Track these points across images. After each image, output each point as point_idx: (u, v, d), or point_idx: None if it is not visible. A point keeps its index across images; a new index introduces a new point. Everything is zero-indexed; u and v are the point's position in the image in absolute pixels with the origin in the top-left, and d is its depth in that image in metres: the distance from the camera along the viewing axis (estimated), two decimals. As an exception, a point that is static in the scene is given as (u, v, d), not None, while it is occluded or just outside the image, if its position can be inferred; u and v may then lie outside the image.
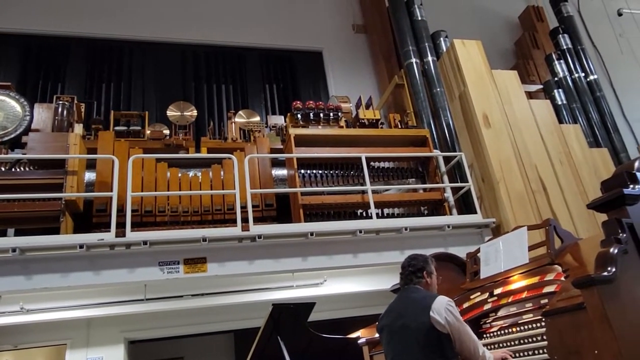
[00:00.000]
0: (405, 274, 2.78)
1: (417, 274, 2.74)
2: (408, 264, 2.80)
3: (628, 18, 11.22)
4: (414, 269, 2.75)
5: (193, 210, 5.00)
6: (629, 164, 2.61)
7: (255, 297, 5.72)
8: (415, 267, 2.76)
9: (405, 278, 2.78)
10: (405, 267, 2.81)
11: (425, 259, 2.82)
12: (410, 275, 2.75)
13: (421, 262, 2.78)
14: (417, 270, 2.75)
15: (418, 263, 2.77)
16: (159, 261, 4.35)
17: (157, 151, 5.43)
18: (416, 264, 2.77)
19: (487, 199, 5.54)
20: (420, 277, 2.73)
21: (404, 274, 2.79)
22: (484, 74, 6.12)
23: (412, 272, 2.75)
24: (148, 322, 5.79)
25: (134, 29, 7.82)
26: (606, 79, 9.76)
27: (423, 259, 2.81)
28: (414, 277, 2.74)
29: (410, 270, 2.76)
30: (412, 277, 2.74)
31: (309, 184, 5.35)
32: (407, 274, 2.77)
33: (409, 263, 2.80)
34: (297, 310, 3.99)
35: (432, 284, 2.78)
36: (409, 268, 2.77)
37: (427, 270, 2.76)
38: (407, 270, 2.77)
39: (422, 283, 2.72)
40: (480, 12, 10.01)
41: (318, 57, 8.69)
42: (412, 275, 2.74)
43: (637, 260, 2.29)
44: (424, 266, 2.76)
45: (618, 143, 7.90)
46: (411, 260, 2.82)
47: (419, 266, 2.76)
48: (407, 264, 2.81)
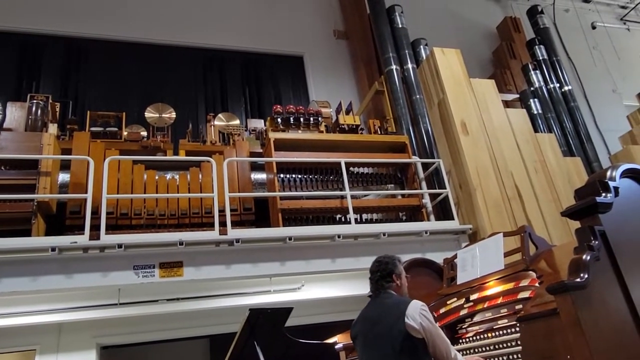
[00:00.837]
0: (375, 279, 2.77)
1: (387, 279, 2.72)
2: (377, 269, 2.77)
3: (601, 31, 11.56)
4: (382, 274, 2.73)
5: (170, 214, 4.93)
6: (601, 172, 2.67)
7: (232, 302, 5.65)
8: (384, 271, 2.74)
9: (376, 284, 2.76)
10: (374, 272, 2.78)
11: (393, 261, 2.80)
12: (380, 281, 2.74)
13: (390, 266, 2.76)
14: (386, 275, 2.73)
15: (387, 267, 2.75)
16: (134, 265, 4.27)
17: (134, 153, 5.35)
18: (385, 268, 2.75)
19: (464, 206, 5.61)
20: (390, 281, 2.72)
21: (374, 279, 2.77)
22: (463, 82, 6.21)
23: (382, 277, 2.73)
24: (121, 327, 5.66)
25: (114, 29, 7.70)
26: (580, 90, 10.02)
27: (391, 262, 2.79)
28: (384, 282, 2.72)
29: (380, 276, 2.74)
30: (382, 282, 2.73)
31: (288, 189, 5.33)
32: (376, 279, 2.75)
33: (377, 268, 2.78)
34: (274, 315, 3.95)
35: (402, 285, 2.77)
36: (377, 273, 2.75)
37: (396, 272, 2.75)
38: (377, 275, 2.75)
39: (392, 287, 2.71)
40: (459, 21, 10.17)
41: (299, 61, 8.70)
42: (382, 281, 2.73)
43: (609, 267, 2.33)
44: (393, 269, 2.75)
45: (591, 152, 8.12)
46: (379, 264, 2.79)
47: (388, 270, 2.74)
48: (375, 268, 2.79)
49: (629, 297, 2.27)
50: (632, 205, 2.56)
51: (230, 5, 8.63)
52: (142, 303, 5.38)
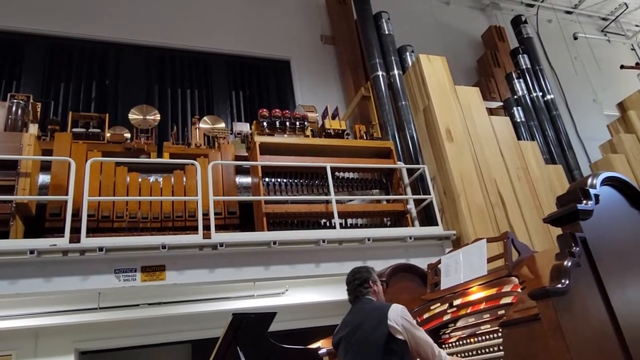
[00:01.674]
0: (352, 288, 2.85)
1: (364, 285, 2.80)
2: (353, 278, 2.86)
3: (583, 42, 11.80)
4: (359, 282, 2.82)
5: (153, 217, 4.87)
6: (582, 180, 2.72)
7: (215, 306, 5.60)
8: (360, 279, 2.83)
9: (354, 292, 2.83)
10: (350, 282, 2.87)
11: (367, 270, 2.89)
12: (358, 288, 2.81)
13: (364, 274, 2.85)
14: (363, 282, 2.81)
15: (362, 275, 2.84)
16: (115, 268, 4.20)
17: (117, 155, 5.28)
18: (360, 276, 2.84)
19: (448, 212, 5.65)
20: (368, 287, 2.80)
21: (351, 288, 2.85)
22: (448, 89, 6.27)
23: (359, 285, 2.81)
24: (101, 332, 5.57)
25: (97, 29, 7.60)
26: (562, 99, 10.20)
27: (365, 270, 2.89)
28: (362, 289, 2.80)
29: (357, 284, 2.82)
30: (360, 289, 2.81)
31: (273, 193, 5.31)
32: (354, 287, 2.83)
33: (354, 277, 2.86)
34: (257, 320, 3.92)
35: (379, 291, 2.87)
36: (354, 282, 2.84)
37: (372, 279, 2.84)
38: (354, 284, 2.84)
39: (370, 293, 2.80)
40: (445, 29, 10.29)
41: (286, 65, 8.69)
42: (360, 288, 2.81)
43: (589, 273, 2.37)
44: (368, 276, 2.84)
45: (572, 160, 8.25)
46: (354, 274, 2.88)
47: (364, 277, 2.83)
48: (351, 278, 2.88)
49: (608, 303, 2.30)
50: (611, 212, 2.61)
51: (217, 8, 8.59)
52: (122, 307, 5.31)
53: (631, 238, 2.62)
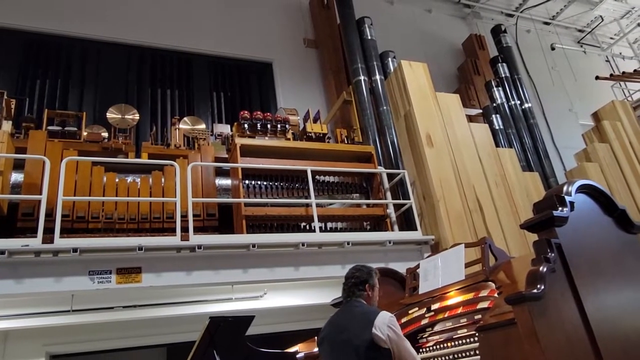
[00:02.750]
0: (348, 285, 2.79)
1: (360, 287, 2.75)
2: (352, 275, 2.81)
3: (560, 53, 12.08)
4: (357, 281, 2.76)
5: (129, 218, 4.78)
6: (558, 188, 2.77)
7: (192, 309, 5.52)
8: (358, 279, 2.77)
9: (348, 290, 2.78)
10: (348, 278, 2.81)
11: (370, 271, 2.83)
12: (352, 288, 2.76)
13: (365, 275, 2.79)
14: (360, 283, 2.76)
15: (362, 275, 2.79)
16: (90, 270, 4.12)
17: (94, 154, 5.18)
18: (360, 276, 2.78)
19: (428, 217, 5.69)
20: (362, 290, 2.75)
21: (347, 285, 2.79)
22: (429, 95, 6.33)
23: (355, 284, 2.76)
24: (74, 335, 5.43)
25: (76, 26, 7.45)
26: (539, 107, 10.40)
27: (367, 271, 2.82)
28: (356, 289, 2.75)
29: (353, 282, 2.77)
30: (354, 289, 2.75)
31: (253, 195, 5.28)
32: (349, 285, 2.77)
33: (353, 274, 2.81)
34: (235, 323, 3.88)
35: (373, 297, 2.80)
36: (352, 279, 2.78)
37: (370, 283, 2.78)
38: (350, 281, 2.78)
39: (363, 296, 2.74)
40: (427, 36, 10.41)
41: (268, 68, 8.67)
42: (355, 288, 2.75)
43: (564, 278, 2.41)
44: (367, 279, 2.78)
45: (548, 168, 8.42)
46: (355, 271, 2.82)
47: (363, 278, 2.77)
48: (350, 275, 2.82)
49: (581, 308, 2.34)
50: (585, 219, 2.67)
51: (199, 8, 8.53)
52: (96, 310, 5.19)
53: (604, 245, 2.68)
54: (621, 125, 7.58)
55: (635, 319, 2.51)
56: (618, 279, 2.59)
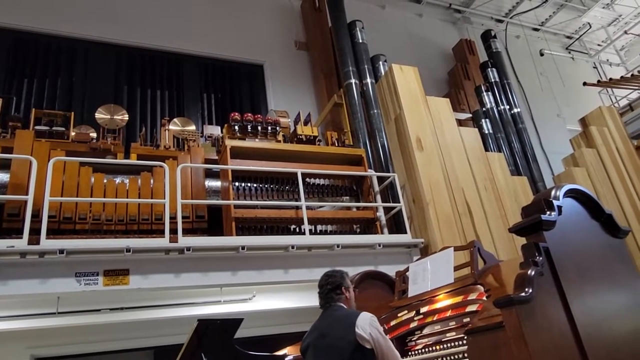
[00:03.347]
0: (324, 292, 2.83)
1: (336, 291, 2.79)
2: (325, 282, 2.85)
3: (548, 58, 12.22)
4: (332, 287, 2.81)
5: (117, 219, 4.74)
6: (546, 192, 2.79)
7: (180, 312, 5.47)
8: (333, 284, 2.81)
9: (325, 297, 2.82)
10: (323, 286, 2.85)
11: (342, 275, 2.88)
12: (329, 294, 2.80)
13: (338, 279, 2.84)
14: (335, 288, 2.80)
15: (335, 280, 2.83)
16: (76, 272, 4.07)
17: (82, 154, 5.12)
18: (334, 282, 2.82)
19: (417, 220, 5.71)
20: (340, 293, 2.79)
21: (323, 292, 2.83)
22: (419, 99, 6.36)
23: (331, 290, 2.80)
24: (59, 338, 5.35)
25: (65, 25, 7.38)
26: (528, 112, 10.51)
27: (339, 275, 2.87)
28: (333, 294, 2.79)
29: (329, 289, 2.81)
30: (331, 295, 2.79)
31: (243, 197, 5.26)
32: (326, 292, 2.81)
33: (326, 281, 2.85)
34: (223, 326, 3.86)
35: (351, 298, 2.86)
36: (327, 286, 2.82)
37: (345, 285, 2.83)
38: (326, 288, 2.82)
39: (342, 300, 2.79)
40: (418, 41, 10.47)
41: (259, 70, 8.65)
42: (332, 293, 2.79)
43: (551, 282, 2.43)
44: (341, 282, 2.83)
45: (536, 172, 8.50)
46: (328, 278, 2.86)
47: (337, 283, 2.81)
48: (324, 282, 2.86)
49: (568, 311, 2.36)
50: (573, 223, 2.69)
51: (191, 9, 8.50)
52: (82, 312, 5.12)
53: (591, 249, 2.71)
54: (608, 131, 7.67)
55: (621, 322, 2.54)
56: (604, 282, 2.62)
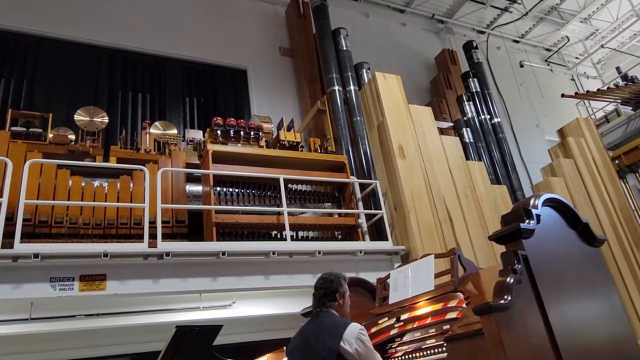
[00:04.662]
0: (318, 296, 2.77)
1: (330, 297, 2.74)
2: (321, 286, 2.79)
3: (528, 70, 12.47)
4: (327, 292, 2.75)
5: (95, 223, 4.65)
6: (525, 201, 2.83)
7: (158, 318, 5.38)
8: (328, 289, 2.76)
9: (318, 301, 2.76)
10: (318, 289, 2.80)
11: (338, 280, 2.82)
12: (322, 299, 2.74)
13: (334, 284, 2.78)
14: (330, 293, 2.75)
15: (331, 285, 2.77)
16: (51, 277, 3.97)
17: (60, 157, 5.02)
18: (329, 287, 2.77)
19: (398, 227, 5.73)
20: (333, 299, 2.74)
21: (317, 296, 2.78)
22: (402, 107, 6.41)
23: (325, 295, 2.74)
24: (32, 345, 5.21)
25: (45, 24, 7.25)
26: (508, 122, 10.69)
27: (336, 280, 2.81)
28: (326, 300, 2.73)
29: (323, 293, 2.75)
30: (324, 300, 2.74)
31: (224, 202, 5.21)
32: (319, 297, 2.76)
33: (322, 285, 2.79)
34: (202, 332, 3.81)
35: (344, 304, 2.79)
36: (321, 290, 2.77)
37: (340, 291, 2.77)
38: (320, 292, 2.77)
39: (334, 306, 2.73)
40: (401, 49, 10.58)
41: (242, 75, 8.62)
42: (325, 299, 2.74)
43: (530, 289, 2.46)
44: (337, 288, 2.77)
45: (515, 181, 8.64)
46: (324, 282, 2.81)
47: (332, 288, 2.76)
48: (320, 285, 2.81)
49: (546, 318, 2.40)
50: (551, 232, 2.74)
51: (174, 12, 8.43)
52: (57, 318, 5.00)
53: (568, 257, 2.75)
54: (585, 142, 7.84)
55: (596, 329, 2.59)
56: (580, 290, 2.67)
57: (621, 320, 2.76)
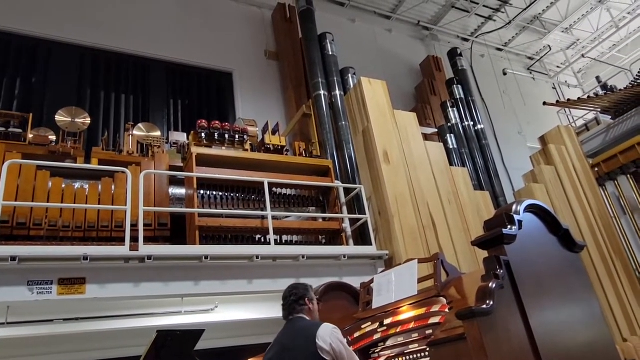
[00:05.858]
0: (287, 303, 2.85)
1: (300, 302, 2.82)
2: (290, 294, 2.88)
3: (511, 78, 12.67)
4: (296, 298, 2.83)
5: (75, 226, 4.57)
6: (507, 207, 2.86)
7: (138, 323, 5.29)
8: (297, 295, 2.84)
9: (289, 308, 2.84)
10: (287, 297, 2.88)
11: (305, 287, 2.92)
12: (293, 305, 2.82)
13: (302, 290, 2.87)
14: (299, 299, 2.83)
15: (299, 291, 2.86)
16: (29, 280, 3.89)
17: (40, 158, 4.92)
18: (297, 293, 2.85)
19: (382, 232, 5.75)
20: (303, 304, 2.82)
21: (287, 304, 2.86)
22: (387, 112, 6.45)
23: (295, 301, 2.83)
24: (8, 350, 5.07)
25: (27, 23, 7.13)
26: (491, 129, 10.82)
27: (303, 287, 2.91)
28: (296, 305, 2.81)
29: (292, 300, 2.84)
30: (294, 305, 2.82)
31: (208, 206, 5.17)
32: (289, 303, 2.84)
33: (291, 292, 2.88)
34: (183, 337, 3.76)
35: (314, 310, 2.88)
36: (290, 297, 2.85)
37: (309, 297, 2.86)
38: (290, 299, 2.85)
39: (305, 310, 2.81)
40: (386, 55, 10.65)
41: (228, 78, 8.58)
42: (295, 304, 2.82)
43: (511, 294, 2.48)
44: (305, 294, 2.86)
45: (498, 187, 8.74)
46: (292, 289, 2.90)
47: (301, 294, 2.85)
48: (288, 293, 2.89)
49: (527, 323, 2.42)
50: (532, 238, 2.77)
51: (160, 14, 8.37)
52: (34, 323, 4.89)
53: (549, 262, 2.79)
54: (566, 149, 7.97)
55: (576, 333, 2.62)
56: (561, 295, 2.70)
57: (600, 325, 2.80)
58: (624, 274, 6.97)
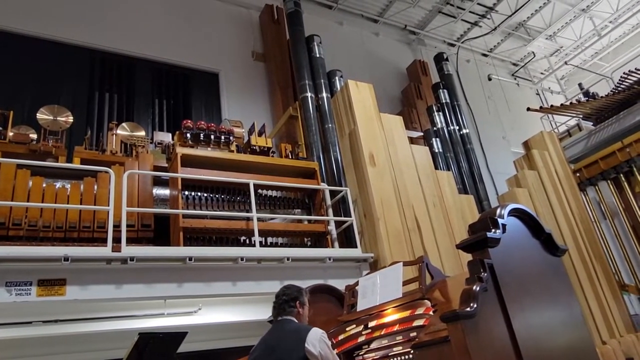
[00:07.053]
0: (278, 303, 2.84)
1: (290, 303, 2.80)
2: (282, 293, 2.87)
3: (496, 83, 12.83)
4: (287, 298, 2.82)
5: (56, 226, 4.49)
6: (492, 210, 2.89)
7: (120, 325, 5.22)
8: (289, 296, 2.83)
9: (279, 308, 2.82)
10: (279, 296, 2.86)
11: (299, 290, 2.91)
12: (283, 305, 2.81)
13: (295, 292, 2.86)
14: (290, 300, 2.81)
15: (292, 292, 2.85)
16: (7, 281, 3.80)
17: (20, 156, 4.83)
18: (290, 294, 2.84)
19: (368, 234, 5.76)
20: (293, 306, 2.80)
21: (278, 303, 2.84)
22: (373, 115, 6.46)
23: (286, 302, 2.81)
24: (-16, 353, 4.98)
25: (8, 19, 7.00)
26: (475, 134, 10.94)
27: (297, 289, 2.90)
28: (286, 306, 2.80)
29: (284, 299, 2.82)
30: (284, 306, 2.80)
31: (192, 207, 5.12)
32: (280, 303, 2.82)
33: (284, 292, 2.87)
34: (166, 340, 3.72)
35: (303, 314, 2.87)
36: (282, 297, 2.84)
37: (300, 300, 2.85)
38: (281, 299, 2.83)
39: (294, 313, 2.79)
40: (373, 59, 10.70)
41: (214, 78, 8.54)
42: (285, 305, 2.80)
43: (495, 297, 2.50)
44: (298, 296, 2.85)
45: (482, 191, 8.83)
46: (286, 289, 2.89)
47: (293, 295, 2.83)
48: (281, 293, 2.88)
49: (510, 326, 2.44)
50: (515, 241, 2.80)
51: (146, 13, 8.29)
52: (12, 325, 4.78)
53: (531, 266, 2.82)
54: (548, 154, 8.09)
55: (557, 336, 2.65)
56: (543, 298, 2.73)
57: (580, 328, 2.84)
58: (604, 277, 7.09)
